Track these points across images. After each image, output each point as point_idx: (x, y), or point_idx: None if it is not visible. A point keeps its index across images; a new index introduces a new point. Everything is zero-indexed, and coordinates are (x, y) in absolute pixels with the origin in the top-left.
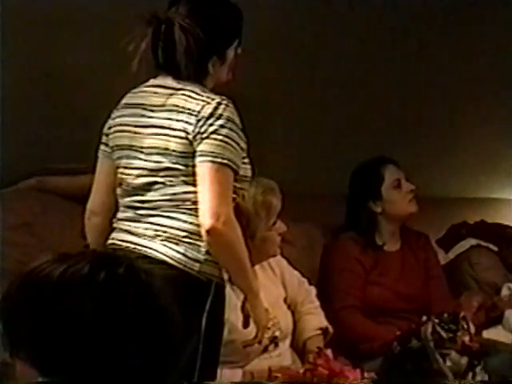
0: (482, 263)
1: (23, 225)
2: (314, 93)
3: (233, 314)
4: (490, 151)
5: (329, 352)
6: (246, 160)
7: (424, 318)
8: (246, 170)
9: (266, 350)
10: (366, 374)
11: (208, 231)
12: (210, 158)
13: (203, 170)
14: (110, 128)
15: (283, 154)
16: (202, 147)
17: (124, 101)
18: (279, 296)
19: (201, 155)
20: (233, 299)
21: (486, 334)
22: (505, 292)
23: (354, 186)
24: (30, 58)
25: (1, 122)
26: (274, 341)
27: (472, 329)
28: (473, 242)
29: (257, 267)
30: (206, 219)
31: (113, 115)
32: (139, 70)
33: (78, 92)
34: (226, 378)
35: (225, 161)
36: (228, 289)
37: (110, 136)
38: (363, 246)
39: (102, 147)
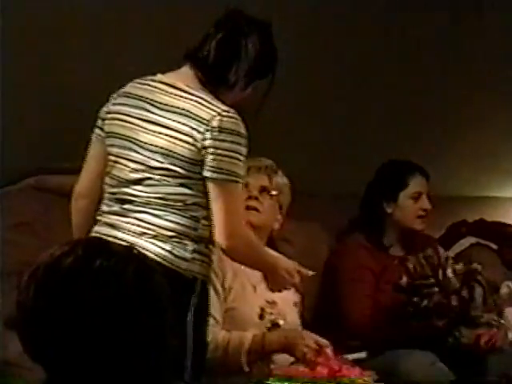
0: (482, 261)
1: (23, 224)
2: (323, 92)
3: (237, 282)
4: (489, 150)
5: (328, 350)
6: None
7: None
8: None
9: None
10: (365, 373)
11: (224, 250)
12: (223, 177)
13: (218, 188)
14: (107, 113)
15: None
16: (215, 164)
17: (126, 89)
18: (291, 299)
19: (214, 171)
20: (241, 275)
21: None
22: (504, 290)
23: (375, 182)
24: (29, 59)
25: (0, 122)
26: (276, 329)
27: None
28: (472, 240)
29: None
30: (221, 239)
31: (112, 101)
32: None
33: (78, 92)
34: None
35: (239, 179)
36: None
37: (107, 122)
38: (372, 251)
39: (97, 131)
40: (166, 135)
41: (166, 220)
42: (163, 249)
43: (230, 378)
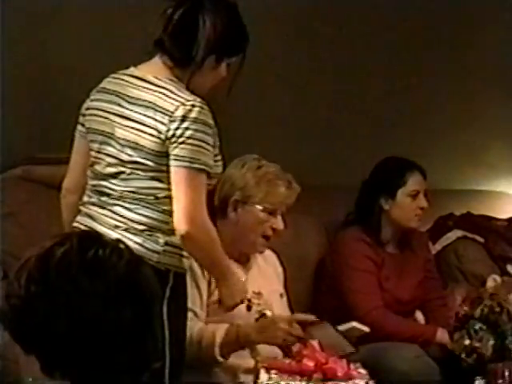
0: (469, 255)
1: (9, 214)
2: (323, 87)
3: None
4: (476, 144)
5: (315, 343)
6: (219, 157)
7: None
8: (217, 167)
9: None
10: (351, 365)
11: (183, 236)
12: (186, 164)
13: (179, 175)
14: (87, 109)
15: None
16: (178, 151)
17: (102, 85)
18: (277, 290)
19: (176, 159)
20: None
21: None
22: (490, 283)
23: (373, 177)
24: (17, 51)
25: None
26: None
27: None
28: (459, 233)
29: (259, 256)
30: (181, 225)
31: (92, 96)
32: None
33: (65, 83)
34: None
35: (201, 166)
36: None
37: (87, 117)
38: (371, 245)
39: (79, 127)
40: (134, 129)
41: (138, 214)
42: (134, 242)
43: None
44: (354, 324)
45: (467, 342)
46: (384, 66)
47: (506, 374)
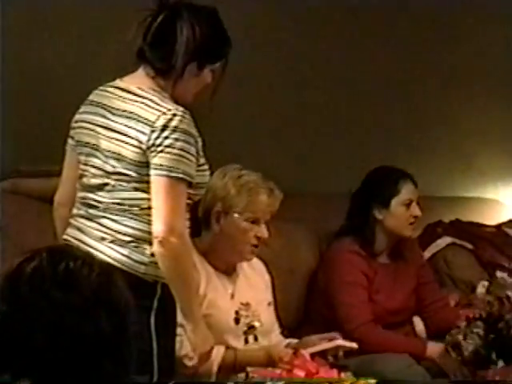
0: (458, 261)
1: None
2: (313, 91)
3: (212, 291)
4: (465, 151)
5: (305, 352)
6: (205, 167)
7: None
8: (203, 177)
9: (246, 341)
10: (342, 375)
11: (160, 242)
12: (165, 173)
13: (158, 184)
14: (75, 122)
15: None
16: (157, 160)
17: (90, 97)
18: (264, 299)
19: (156, 168)
20: (214, 281)
21: None
22: (480, 290)
23: (366, 187)
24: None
25: None
26: (253, 331)
27: None
28: (448, 240)
29: (245, 265)
30: (159, 231)
31: (80, 110)
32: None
33: (55, 95)
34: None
35: (180, 175)
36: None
37: (76, 130)
38: (364, 257)
39: (69, 140)
40: (117, 140)
41: (124, 225)
42: (121, 254)
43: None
44: (339, 342)
45: (460, 337)
46: (375, 72)
47: (497, 378)
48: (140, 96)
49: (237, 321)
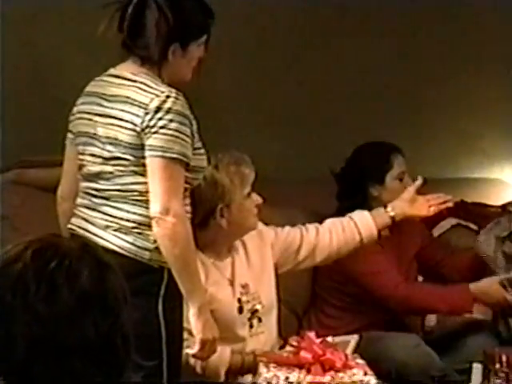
0: (463, 242)
1: (3, 218)
2: (300, 76)
3: (212, 286)
4: (468, 131)
5: (312, 334)
6: (202, 151)
7: None
8: (200, 160)
9: (251, 326)
10: (349, 357)
11: (156, 222)
12: (160, 153)
13: (153, 164)
14: (73, 114)
15: (265, 138)
16: (152, 142)
17: (87, 89)
18: (264, 270)
19: (150, 149)
20: (212, 273)
21: None
22: None
23: (356, 165)
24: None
25: None
26: (256, 315)
27: None
28: (453, 221)
29: (245, 237)
30: (155, 212)
31: (77, 102)
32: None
33: (57, 85)
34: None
35: (175, 155)
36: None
37: (74, 123)
38: None
39: (68, 134)
40: (113, 125)
41: (126, 211)
42: (126, 241)
43: None
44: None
45: None
46: (373, 53)
47: (504, 359)
48: (133, 80)
49: (240, 310)
